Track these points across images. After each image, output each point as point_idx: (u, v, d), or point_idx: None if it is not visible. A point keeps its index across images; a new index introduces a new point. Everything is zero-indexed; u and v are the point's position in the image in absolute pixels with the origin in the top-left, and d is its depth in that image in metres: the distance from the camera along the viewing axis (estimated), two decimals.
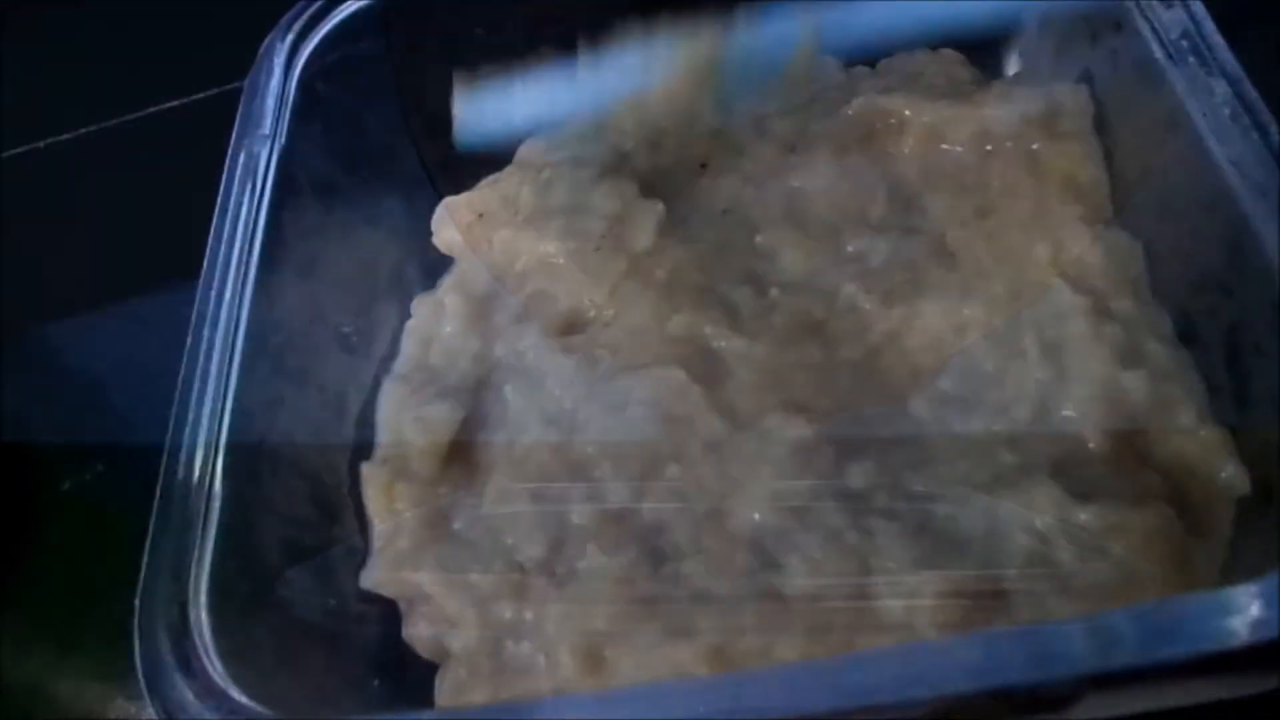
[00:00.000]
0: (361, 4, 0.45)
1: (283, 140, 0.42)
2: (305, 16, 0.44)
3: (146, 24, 0.64)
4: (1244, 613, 0.25)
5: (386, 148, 0.48)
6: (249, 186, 0.40)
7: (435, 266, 0.48)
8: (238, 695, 0.30)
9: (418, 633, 0.37)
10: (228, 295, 0.37)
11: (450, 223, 0.48)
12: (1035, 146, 0.40)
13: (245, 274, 0.38)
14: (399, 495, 0.39)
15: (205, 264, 0.38)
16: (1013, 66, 0.45)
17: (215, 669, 0.31)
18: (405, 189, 0.49)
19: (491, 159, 0.50)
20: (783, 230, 0.42)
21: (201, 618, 0.32)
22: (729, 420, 0.37)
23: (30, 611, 0.48)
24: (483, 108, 0.50)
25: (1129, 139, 0.38)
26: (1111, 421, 0.33)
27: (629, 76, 0.47)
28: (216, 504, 0.34)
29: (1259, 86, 0.33)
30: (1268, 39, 0.37)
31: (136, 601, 0.32)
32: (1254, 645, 0.24)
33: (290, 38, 0.44)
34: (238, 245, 0.38)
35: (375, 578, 0.38)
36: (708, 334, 0.39)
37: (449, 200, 0.49)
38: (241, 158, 0.41)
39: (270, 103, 0.42)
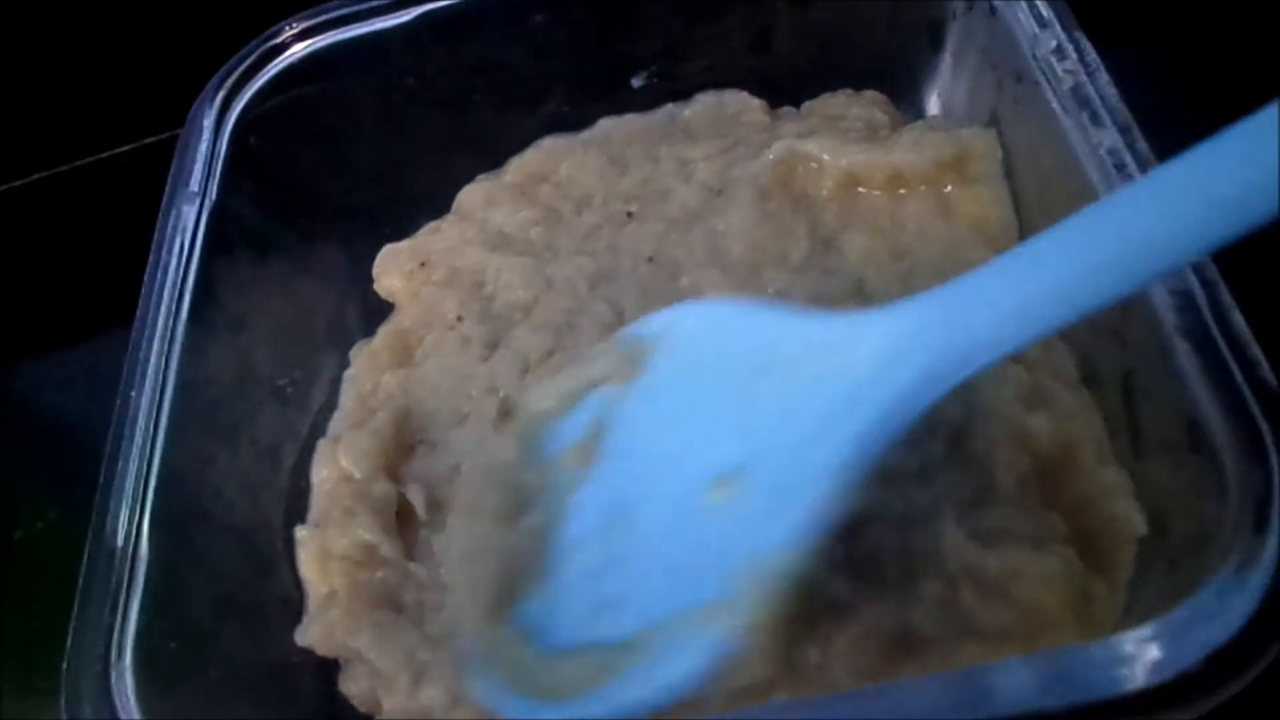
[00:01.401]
0: (292, 59, 0.45)
1: (214, 197, 0.42)
2: (236, 74, 0.44)
3: (94, 69, 0.64)
4: (1140, 658, 0.25)
5: (323, 197, 0.49)
6: (178, 245, 0.40)
7: (377, 313, 0.49)
8: None
9: (353, 688, 0.38)
10: (154, 356, 0.37)
11: (392, 269, 0.49)
12: (947, 190, 0.40)
13: (173, 334, 0.38)
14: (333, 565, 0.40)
15: (134, 325, 0.38)
16: (933, 106, 0.46)
17: None
18: (344, 237, 0.50)
19: (431, 202, 0.51)
20: (707, 271, 0.42)
21: (125, 679, 0.32)
22: None
23: None
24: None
25: (1033, 183, 0.38)
26: (1017, 462, 0.34)
27: None
28: (142, 566, 0.34)
29: (1157, 133, 0.33)
30: (1166, 86, 0.38)
31: (63, 665, 0.33)
32: (1152, 688, 0.25)
33: (221, 95, 0.44)
34: (165, 305, 0.39)
35: (311, 637, 0.38)
36: None
37: (390, 247, 0.50)
38: (171, 217, 0.41)
39: (199, 161, 0.42)
